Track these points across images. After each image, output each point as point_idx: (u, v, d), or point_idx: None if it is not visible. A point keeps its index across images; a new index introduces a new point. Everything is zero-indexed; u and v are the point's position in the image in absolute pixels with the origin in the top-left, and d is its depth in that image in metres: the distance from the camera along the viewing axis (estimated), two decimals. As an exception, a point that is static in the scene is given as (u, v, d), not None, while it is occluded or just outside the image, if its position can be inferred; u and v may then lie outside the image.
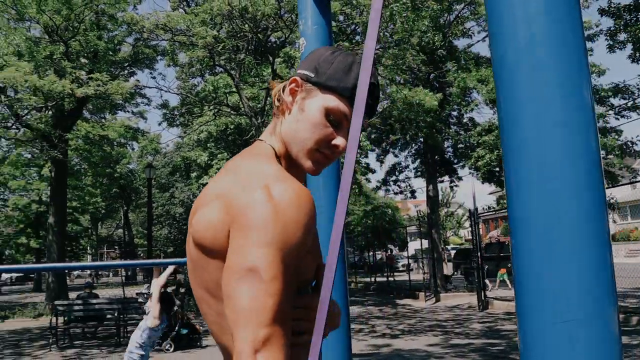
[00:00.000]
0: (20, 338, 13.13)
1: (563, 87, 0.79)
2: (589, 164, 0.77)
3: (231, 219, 1.02)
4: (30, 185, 34.64)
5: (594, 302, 0.75)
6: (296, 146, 1.17)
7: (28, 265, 22.53)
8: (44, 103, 12.27)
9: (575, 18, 0.81)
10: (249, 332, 0.92)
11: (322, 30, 2.27)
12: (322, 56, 1.19)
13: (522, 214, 0.81)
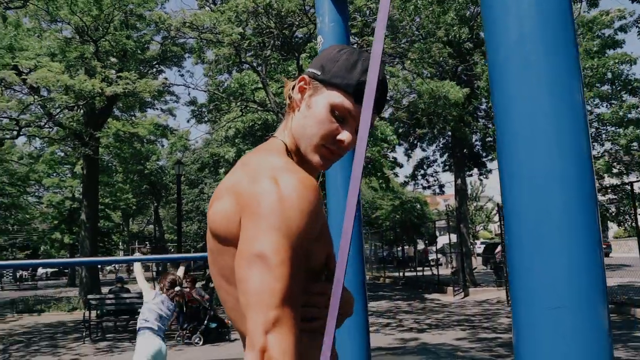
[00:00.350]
0: (56, 331, 13.48)
1: (554, 85, 0.81)
2: (579, 158, 0.80)
3: (241, 208, 1.07)
4: (64, 183, 35.42)
5: (580, 291, 0.77)
6: (304, 142, 1.22)
7: (63, 260, 23.01)
8: (75, 102, 12.54)
9: (566, 16, 0.84)
10: (259, 315, 0.96)
11: (339, 27, 2.31)
12: (329, 55, 1.23)
13: (513, 207, 0.84)
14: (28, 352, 10.47)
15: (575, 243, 0.78)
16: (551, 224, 0.78)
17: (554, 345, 0.78)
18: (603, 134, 15.36)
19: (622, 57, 13.97)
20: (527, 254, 0.81)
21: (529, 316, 0.81)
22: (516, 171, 0.83)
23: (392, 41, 15.15)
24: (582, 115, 0.82)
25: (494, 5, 0.89)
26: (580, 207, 0.79)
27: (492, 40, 0.90)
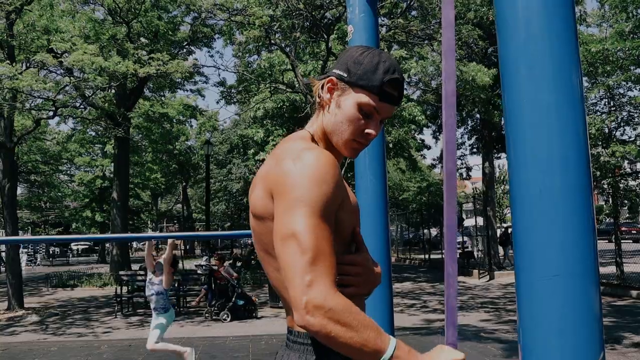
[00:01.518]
0: (89, 305, 13.94)
1: (557, 80, 0.93)
2: (576, 144, 0.91)
3: (271, 189, 1.27)
4: (95, 162, 36.08)
5: (575, 261, 0.89)
6: (336, 136, 1.40)
7: (97, 236, 23.59)
8: (108, 83, 12.83)
9: (569, 20, 0.95)
10: (297, 282, 1.13)
11: (369, 18, 2.42)
12: (353, 57, 1.39)
13: (518, 190, 0.96)
14: (63, 324, 10.89)
15: (570, 220, 0.89)
16: (550, 201, 0.90)
17: (550, 307, 0.90)
18: (636, 117, 15.10)
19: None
20: (529, 228, 0.93)
21: (530, 283, 0.93)
22: (521, 156, 0.95)
23: (422, 23, 15.07)
24: (580, 104, 0.93)
25: (505, 9, 1.00)
26: (577, 187, 0.90)
27: (503, 39, 1.02)
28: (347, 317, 1.11)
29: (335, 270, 1.17)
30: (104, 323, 10.91)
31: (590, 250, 0.91)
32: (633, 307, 10.92)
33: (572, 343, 0.89)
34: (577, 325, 0.89)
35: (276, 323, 10.46)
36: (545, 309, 0.92)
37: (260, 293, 14.70)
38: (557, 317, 0.90)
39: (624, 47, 13.52)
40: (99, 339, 9.12)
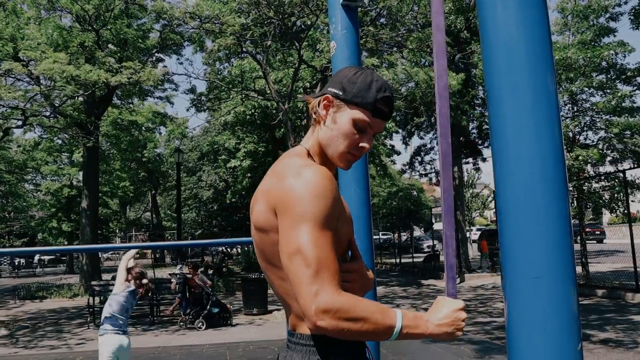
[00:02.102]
0: (59, 317, 13.74)
1: (534, 87, 1.05)
2: (553, 160, 1.03)
3: (274, 203, 1.37)
4: (62, 170, 35.44)
5: (555, 264, 1.01)
6: (331, 149, 1.51)
7: (67, 247, 23.24)
8: (78, 92, 12.71)
9: (545, 34, 1.08)
10: (305, 293, 1.25)
11: (351, 34, 2.53)
12: (347, 77, 1.51)
13: (504, 200, 1.08)
14: (34, 337, 10.72)
15: (550, 225, 1.02)
16: (532, 210, 1.02)
17: (534, 305, 1.02)
18: (598, 122, 15.56)
19: (615, 48, 14.14)
20: (514, 233, 1.06)
21: (517, 284, 1.05)
22: (505, 168, 1.07)
23: (391, 31, 15.31)
24: (555, 108, 1.06)
25: (487, 20, 1.13)
26: (555, 196, 1.02)
27: (487, 48, 1.14)
28: (354, 311, 1.22)
29: (338, 273, 1.28)
30: (76, 334, 10.78)
31: (568, 254, 1.03)
32: (599, 306, 11.27)
33: (554, 336, 1.01)
34: (558, 320, 1.01)
35: (251, 330, 10.49)
36: (529, 306, 1.04)
37: (233, 300, 14.69)
38: (540, 313, 1.02)
39: (585, 56, 13.97)
40: (73, 350, 9.01)
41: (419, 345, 8.01)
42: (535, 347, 1.03)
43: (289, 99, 13.63)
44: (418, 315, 1.31)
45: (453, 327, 1.33)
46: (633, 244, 12.21)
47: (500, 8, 1.10)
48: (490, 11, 1.12)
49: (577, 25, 14.96)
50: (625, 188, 13.15)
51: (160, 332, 10.76)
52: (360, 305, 1.24)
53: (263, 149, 20.73)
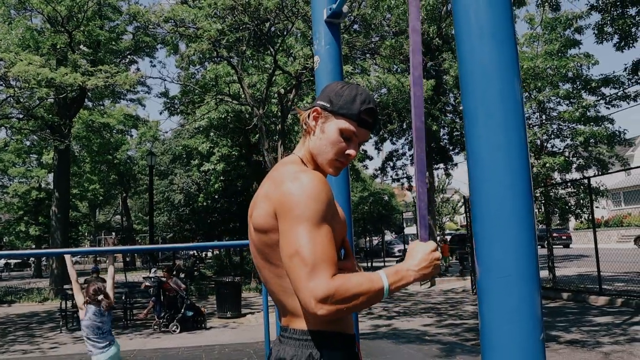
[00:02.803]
0: (30, 321, 13.58)
1: (503, 94, 1.22)
2: (520, 172, 1.20)
3: (275, 208, 1.51)
4: (30, 173, 34.84)
5: (521, 264, 1.17)
6: (320, 157, 1.66)
7: (38, 251, 22.88)
8: (54, 95, 12.61)
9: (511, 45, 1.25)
10: (303, 289, 1.39)
11: (333, 49, 2.69)
12: (334, 91, 1.66)
13: (478, 206, 1.24)
14: (5, 341, 10.61)
15: (518, 229, 1.18)
16: (503, 216, 1.19)
17: (504, 300, 1.19)
18: (564, 131, 15.99)
19: (581, 60, 14.61)
20: (486, 237, 1.22)
21: (489, 282, 1.21)
22: (479, 176, 1.23)
23: (365, 38, 15.55)
24: (523, 128, 1.22)
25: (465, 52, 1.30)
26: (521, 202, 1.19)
27: (464, 77, 1.31)
28: (347, 290, 1.37)
29: (336, 264, 1.42)
30: (48, 339, 10.69)
31: (533, 255, 1.19)
32: (564, 308, 11.63)
33: (520, 327, 1.17)
34: (524, 313, 1.18)
35: (226, 333, 10.56)
36: (499, 301, 1.20)
37: (206, 304, 14.71)
38: (508, 307, 1.19)
39: (552, 65, 14.40)
40: (46, 355, 8.96)
41: (392, 347, 8.19)
42: (504, 336, 1.19)
43: (264, 104, 13.75)
44: (398, 268, 1.47)
45: (431, 268, 1.48)
46: (597, 248, 12.62)
47: (477, 43, 1.26)
48: (468, 45, 1.28)
49: (546, 37, 15.40)
50: (590, 195, 13.58)
51: (134, 335, 10.76)
52: (350, 283, 1.39)
53: (237, 152, 20.77)
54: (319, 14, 2.72)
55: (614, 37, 12.99)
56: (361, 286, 1.40)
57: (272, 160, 14.28)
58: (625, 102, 15.14)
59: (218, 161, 20.05)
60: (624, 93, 15.11)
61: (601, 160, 15.52)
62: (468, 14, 1.28)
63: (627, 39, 12.63)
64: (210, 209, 27.91)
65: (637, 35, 12.62)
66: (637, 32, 12.56)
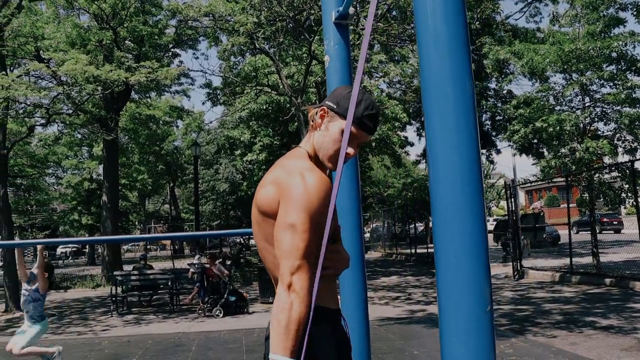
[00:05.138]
0: (84, 306, 14.31)
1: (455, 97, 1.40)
2: (470, 167, 1.37)
3: (280, 194, 1.69)
4: (82, 164, 36.10)
5: (472, 246, 1.35)
6: (322, 152, 1.84)
7: (90, 238, 23.84)
8: (101, 91, 13.18)
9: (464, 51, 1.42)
10: (288, 262, 1.58)
11: (342, 49, 2.88)
12: (342, 93, 1.85)
13: (436, 197, 1.43)
14: (62, 324, 11.26)
15: (469, 216, 1.35)
16: (454, 203, 1.37)
17: (456, 277, 1.36)
18: (609, 114, 15.63)
19: (625, 39, 14.21)
20: (443, 223, 1.41)
21: (444, 261, 1.39)
22: (435, 172, 1.42)
23: (404, 23, 15.52)
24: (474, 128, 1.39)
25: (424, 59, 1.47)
26: (471, 191, 1.36)
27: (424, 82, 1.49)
28: (300, 317, 1.54)
29: (315, 262, 1.61)
30: (100, 322, 11.29)
31: (481, 238, 1.37)
32: (606, 294, 11.51)
33: (469, 299, 1.35)
34: (473, 287, 1.35)
35: (267, 317, 10.80)
36: (453, 278, 1.38)
37: (249, 290, 15.14)
38: (460, 283, 1.37)
39: (594, 47, 14.08)
40: (99, 336, 9.51)
41: (426, 331, 8.35)
42: (457, 307, 1.37)
43: (302, 94, 13.96)
44: None
45: None
46: (641, 233, 12.38)
47: (433, 51, 1.44)
48: (426, 51, 1.46)
49: (587, 17, 15.04)
50: (634, 179, 13.29)
51: (180, 319, 11.23)
52: (304, 323, 1.55)
53: (278, 142, 21.12)
54: (328, 16, 2.91)
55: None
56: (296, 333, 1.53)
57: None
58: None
59: (260, 151, 20.44)
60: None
61: (645, 144, 15.14)
62: (427, 25, 1.45)
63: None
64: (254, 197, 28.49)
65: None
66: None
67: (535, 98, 15.76)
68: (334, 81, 2.86)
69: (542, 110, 15.30)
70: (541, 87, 16.03)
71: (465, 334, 1.35)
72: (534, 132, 15.52)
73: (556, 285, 13.75)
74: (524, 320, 8.95)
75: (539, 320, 8.86)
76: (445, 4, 1.42)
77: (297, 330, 1.54)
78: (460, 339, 1.36)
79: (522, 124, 15.61)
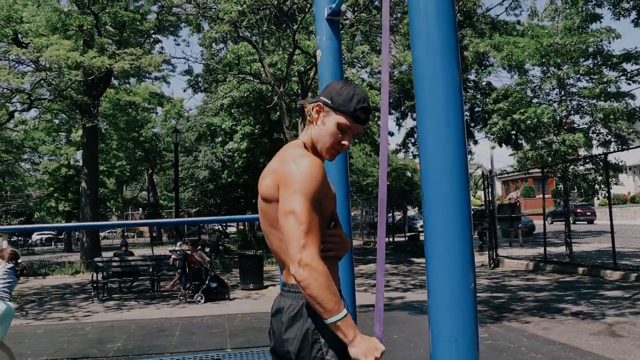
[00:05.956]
0: (64, 292, 14.29)
1: (446, 95, 1.56)
2: (457, 161, 1.54)
3: (279, 181, 1.85)
4: (60, 150, 35.67)
5: (458, 231, 1.52)
6: (320, 144, 2.00)
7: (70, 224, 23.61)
8: (82, 77, 13.09)
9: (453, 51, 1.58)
10: (294, 244, 1.72)
11: (333, 43, 3.02)
12: (335, 90, 2.00)
13: (427, 187, 1.59)
14: (42, 309, 11.27)
15: (456, 207, 1.52)
16: (441, 197, 1.53)
17: (444, 258, 1.54)
18: (585, 108, 15.97)
19: (601, 35, 14.52)
20: (431, 216, 1.57)
21: (434, 245, 1.56)
22: (425, 166, 1.58)
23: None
24: (461, 124, 1.56)
25: (417, 62, 1.63)
26: (457, 185, 1.53)
27: (417, 83, 1.64)
28: (323, 279, 1.68)
29: (320, 241, 1.76)
30: (82, 308, 11.33)
31: (467, 225, 1.54)
32: (577, 282, 11.88)
33: (455, 277, 1.53)
34: (458, 266, 1.53)
35: (248, 303, 11.06)
36: (441, 258, 1.55)
37: (230, 277, 15.26)
38: (447, 263, 1.54)
39: (572, 41, 14.38)
40: (81, 321, 9.56)
41: (406, 317, 8.59)
42: (444, 284, 1.54)
43: (284, 83, 14.06)
44: (354, 327, 1.74)
45: (365, 354, 1.72)
46: (612, 223, 12.79)
47: (425, 56, 1.59)
48: (419, 56, 1.61)
49: (566, 12, 15.33)
50: (606, 171, 13.68)
51: (161, 305, 11.33)
52: (329, 279, 1.69)
53: (259, 130, 21.17)
54: (321, 12, 3.04)
55: (631, 13, 12.93)
56: (331, 291, 1.68)
57: (293, 137, 14.62)
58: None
59: (241, 139, 20.48)
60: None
61: (621, 136, 15.51)
62: (420, 34, 1.60)
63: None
64: (234, 185, 28.49)
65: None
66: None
67: (514, 91, 16.04)
68: (326, 74, 3.00)
69: (520, 103, 15.60)
70: (520, 80, 16.31)
71: (451, 306, 1.53)
72: (512, 124, 15.82)
73: (530, 273, 14.13)
74: (500, 307, 9.23)
75: (514, 307, 9.16)
76: (438, 12, 1.57)
77: (328, 289, 1.67)
78: (447, 311, 1.53)
79: (501, 116, 15.90)
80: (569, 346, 6.28)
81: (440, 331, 1.55)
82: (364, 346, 1.71)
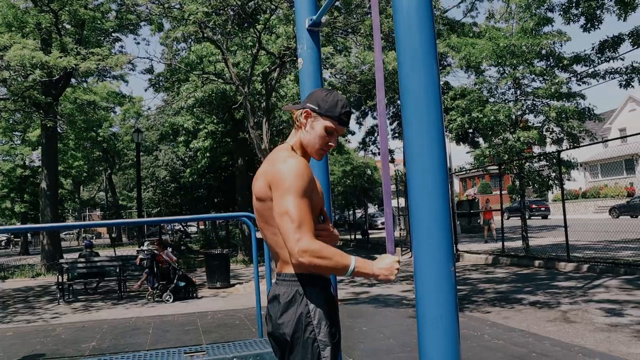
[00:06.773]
0: (26, 295, 14.10)
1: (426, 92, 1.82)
2: (438, 159, 1.79)
3: (270, 181, 2.07)
4: (15, 150, 34.83)
5: (438, 220, 1.78)
6: (310, 147, 2.23)
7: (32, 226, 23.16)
8: (46, 77, 12.91)
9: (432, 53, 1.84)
10: (292, 240, 1.94)
11: (314, 53, 3.25)
12: (321, 97, 2.23)
13: (412, 182, 1.84)
14: (7, 313, 11.14)
15: (437, 199, 1.78)
16: (424, 192, 1.79)
17: (428, 244, 1.79)
18: (539, 107, 16.60)
19: (553, 38, 15.16)
20: (416, 210, 1.82)
21: (419, 233, 1.81)
22: (411, 163, 1.83)
23: (349, 16, 15.95)
24: (441, 127, 1.82)
25: (402, 74, 1.88)
26: (439, 182, 1.79)
27: (403, 92, 1.89)
28: (323, 252, 1.93)
29: (313, 227, 1.99)
30: (48, 310, 11.24)
31: (446, 215, 1.79)
32: (534, 274, 12.43)
33: (437, 260, 1.78)
34: (440, 251, 1.78)
35: (217, 301, 11.20)
36: (425, 244, 1.80)
37: (194, 276, 15.32)
38: (430, 247, 1.79)
39: (526, 43, 14.96)
40: (50, 323, 9.53)
41: (372, 310, 8.89)
42: (429, 266, 1.79)
43: (249, 83, 14.17)
44: (367, 261, 2.03)
45: (389, 272, 2.04)
46: (565, 218, 13.43)
47: (409, 69, 1.85)
48: (404, 69, 1.86)
49: (521, 15, 15.93)
50: (559, 167, 14.31)
51: (129, 305, 11.35)
52: (327, 249, 1.95)
53: (222, 129, 21.20)
54: (302, 22, 3.27)
55: (580, 18, 13.57)
56: (334, 255, 1.95)
57: (257, 136, 14.77)
58: (595, 79, 15.76)
59: (205, 138, 20.48)
60: (595, 71, 15.74)
61: (572, 134, 16.23)
62: (406, 50, 1.85)
63: (593, 20, 13.23)
64: (196, 184, 28.40)
65: (602, 17, 13.23)
66: (602, 14, 13.17)
67: (472, 90, 16.57)
68: (307, 82, 3.23)
69: (477, 102, 16.13)
70: (477, 80, 16.85)
71: (435, 286, 1.78)
72: (470, 122, 16.34)
73: (489, 267, 14.67)
74: (462, 298, 9.63)
75: (475, 299, 9.57)
76: (421, 32, 1.83)
77: (330, 257, 1.93)
78: (431, 291, 1.79)
79: (459, 114, 16.40)
80: (528, 332, 6.67)
81: (427, 310, 1.80)
82: (384, 270, 2.01)
